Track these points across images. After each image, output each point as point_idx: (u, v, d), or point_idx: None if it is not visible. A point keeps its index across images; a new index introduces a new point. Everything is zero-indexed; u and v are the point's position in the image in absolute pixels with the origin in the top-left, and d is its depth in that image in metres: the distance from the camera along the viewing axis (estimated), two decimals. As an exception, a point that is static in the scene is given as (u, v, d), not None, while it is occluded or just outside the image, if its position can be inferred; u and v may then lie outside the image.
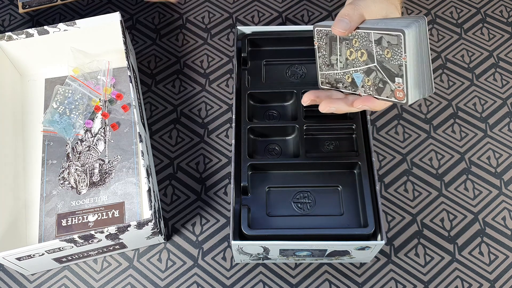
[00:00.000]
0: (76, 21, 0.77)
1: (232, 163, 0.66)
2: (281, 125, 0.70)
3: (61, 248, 0.64)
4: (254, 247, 0.63)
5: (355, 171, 0.67)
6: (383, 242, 0.60)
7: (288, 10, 0.91)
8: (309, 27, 0.75)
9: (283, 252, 0.65)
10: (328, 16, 0.90)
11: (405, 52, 0.53)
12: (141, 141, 0.68)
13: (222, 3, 0.91)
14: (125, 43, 0.75)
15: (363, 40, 0.57)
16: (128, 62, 0.74)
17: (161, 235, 0.70)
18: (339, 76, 0.61)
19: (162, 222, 0.73)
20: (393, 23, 0.55)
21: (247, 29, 0.76)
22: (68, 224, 0.71)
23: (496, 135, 0.79)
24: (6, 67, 0.79)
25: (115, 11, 0.89)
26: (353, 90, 0.60)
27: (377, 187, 0.63)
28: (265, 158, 0.70)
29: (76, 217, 0.71)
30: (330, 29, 0.60)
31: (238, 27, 0.75)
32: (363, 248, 0.63)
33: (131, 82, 0.73)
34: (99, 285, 0.70)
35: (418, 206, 0.74)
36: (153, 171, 0.76)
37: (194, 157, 0.78)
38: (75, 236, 0.62)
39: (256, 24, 0.89)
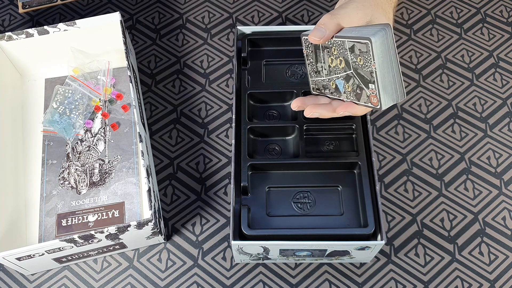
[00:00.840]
0: (76, 21, 0.77)
1: (232, 163, 0.66)
2: (281, 125, 0.70)
3: (61, 248, 0.64)
4: (254, 247, 0.63)
5: (355, 171, 0.67)
6: (383, 242, 0.60)
7: (288, 10, 0.91)
8: (309, 27, 0.75)
9: (283, 252, 0.65)
10: (328, 16, 0.90)
11: (373, 60, 0.55)
12: (141, 141, 0.68)
13: (222, 3, 0.91)
14: (125, 43, 0.75)
15: (340, 48, 0.59)
16: (128, 62, 0.74)
17: (161, 235, 0.70)
18: (325, 83, 0.63)
19: (162, 222, 0.73)
20: (363, 31, 0.56)
21: (247, 29, 0.76)
22: (68, 224, 0.71)
23: (496, 135, 0.79)
24: (6, 67, 0.79)
25: (115, 11, 0.89)
26: (337, 96, 0.62)
27: (377, 187, 0.63)
28: (265, 158, 0.70)
29: (76, 217, 0.71)
30: None
31: (238, 27, 0.75)
32: (363, 248, 0.63)
33: (131, 82, 0.73)
34: (99, 285, 0.70)
35: (418, 206, 0.74)
36: (153, 171, 0.76)
37: (194, 157, 0.78)
38: (75, 236, 0.62)
39: (256, 24, 0.89)
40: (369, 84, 0.56)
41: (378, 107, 0.56)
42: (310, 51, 0.64)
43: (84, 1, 0.92)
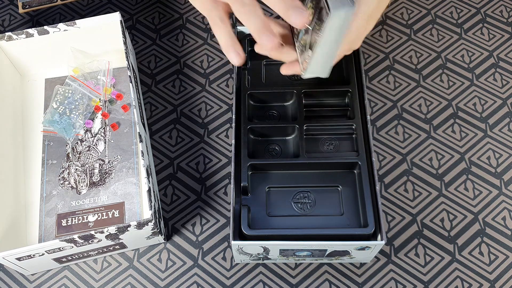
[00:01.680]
0: (76, 21, 0.77)
1: (232, 163, 0.66)
2: (281, 125, 0.70)
3: (61, 248, 0.64)
4: (254, 247, 0.63)
5: (355, 171, 0.67)
6: (383, 242, 0.60)
7: (288, 10, 0.90)
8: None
9: (283, 252, 0.65)
10: (328, 16, 0.90)
11: (322, 32, 0.51)
12: (141, 141, 0.68)
13: (222, 3, 0.91)
14: (125, 43, 0.75)
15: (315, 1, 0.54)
16: (128, 62, 0.74)
17: (161, 235, 0.70)
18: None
19: (162, 222, 0.73)
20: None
21: (247, 29, 0.76)
22: (68, 224, 0.71)
23: (496, 135, 0.79)
24: (6, 67, 0.79)
25: (115, 11, 0.89)
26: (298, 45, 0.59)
27: (377, 187, 0.63)
28: (265, 158, 0.70)
29: (76, 217, 0.71)
30: None
31: (238, 27, 0.75)
32: (363, 248, 0.63)
33: (131, 82, 0.73)
34: (99, 285, 0.70)
35: (418, 206, 0.74)
36: (153, 171, 0.76)
37: (194, 157, 0.78)
38: (75, 236, 0.62)
39: (256, 24, 0.89)
40: (309, 50, 0.54)
41: (303, 73, 0.55)
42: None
43: (84, 1, 0.92)
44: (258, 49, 0.59)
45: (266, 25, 0.52)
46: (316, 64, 0.55)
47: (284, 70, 0.62)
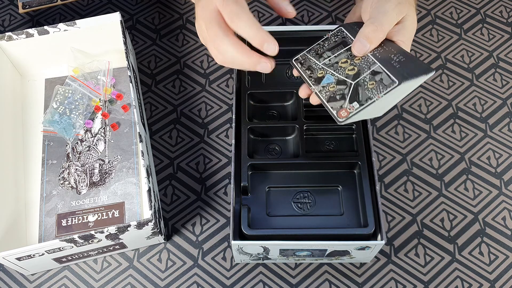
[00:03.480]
0: (76, 21, 0.77)
1: (232, 163, 0.66)
2: (281, 125, 0.70)
3: (61, 248, 0.64)
4: (254, 247, 0.63)
5: (355, 171, 0.67)
6: (383, 242, 0.60)
7: (288, 10, 0.90)
8: (309, 27, 0.75)
9: (283, 252, 0.65)
10: (328, 17, 0.90)
11: (383, 94, 0.54)
12: (141, 141, 0.68)
13: (222, 3, 0.91)
14: (125, 43, 0.75)
15: (364, 62, 0.58)
16: (128, 62, 0.74)
17: (161, 235, 0.70)
18: (316, 66, 0.61)
19: (162, 222, 0.73)
20: (400, 66, 0.56)
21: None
22: (68, 224, 0.71)
23: (496, 135, 0.79)
24: (6, 67, 0.79)
25: (115, 11, 0.89)
26: (312, 82, 0.60)
27: (377, 187, 0.63)
28: (265, 158, 0.70)
29: (76, 217, 0.71)
30: (351, 37, 0.61)
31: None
32: (363, 248, 0.63)
33: (131, 82, 0.73)
34: (99, 285, 0.70)
35: (418, 206, 0.74)
36: (153, 171, 0.76)
37: (194, 157, 0.78)
38: (75, 236, 0.62)
39: (256, 24, 0.89)
40: (354, 102, 0.56)
41: (339, 120, 0.56)
42: (333, 40, 0.62)
43: (84, 1, 0.92)
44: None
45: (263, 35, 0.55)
46: (359, 116, 0.57)
47: (304, 94, 0.62)
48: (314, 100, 0.61)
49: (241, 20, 0.55)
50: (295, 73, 0.63)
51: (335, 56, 0.60)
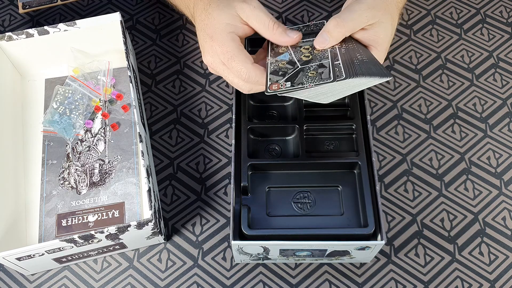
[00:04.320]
0: (76, 21, 0.77)
1: (232, 163, 0.66)
2: (281, 125, 0.70)
3: (61, 248, 0.64)
4: (254, 247, 0.63)
5: (355, 171, 0.67)
6: (383, 242, 0.60)
7: (288, 11, 0.91)
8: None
9: (283, 252, 0.65)
10: (328, 17, 0.90)
11: (314, 85, 0.57)
12: (141, 141, 0.68)
13: (222, 4, 0.91)
14: (125, 43, 0.75)
15: (320, 54, 0.61)
16: (128, 62, 0.74)
17: (161, 235, 0.70)
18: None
19: (162, 222, 0.73)
20: (359, 65, 0.58)
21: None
22: (68, 224, 0.71)
23: (496, 135, 0.79)
24: (6, 67, 0.79)
25: (115, 11, 0.89)
26: (270, 53, 0.64)
27: (377, 187, 0.63)
28: (265, 158, 0.70)
29: (76, 217, 0.71)
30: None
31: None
32: (363, 248, 0.63)
33: (131, 82, 0.73)
34: (99, 285, 0.70)
35: (418, 206, 0.74)
36: (153, 171, 0.76)
37: (194, 157, 0.78)
38: (75, 236, 0.62)
39: (256, 24, 0.89)
40: (288, 82, 0.58)
41: (267, 91, 0.58)
42: (310, 29, 0.66)
43: (84, 1, 0.92)
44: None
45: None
46: (303, 97, 0.59)
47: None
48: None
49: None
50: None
51: (303, 41, 0.63)
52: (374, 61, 0.59)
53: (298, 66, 0.60)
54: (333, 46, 0.61)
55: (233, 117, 0.69)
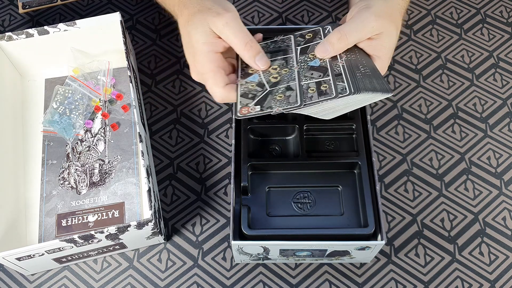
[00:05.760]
0: (76, 21, 0.77)
1: (232, 163, 0.66)
2: (281, 125, 0.70)
3: (61, 248, 0.64)
4: (254, 247, 0.63)
5: (355, 171, 0.67)
6: (383, 242, 0.60)
7: (288, 11, 0.91)
8: (309, 28, 0.74)
9: (283, 252, 0.65)
10: (328, 17, 0.90)
11: (282, 109, 0.57)
12: (141, 141, 0.68)
13: (222, 3, 0.91)
14: (125, 43, 0.75)
15: (287, 75, 0.61)
16: (128, 62, 0.74)
17: (161, 235, 0.70)
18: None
19: (162, 222, 0.73)
20: (362, 78, 0.58)
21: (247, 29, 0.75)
22: (68, 224, 0.71)
23: (496, 135, 0.79)
24: (6, 67, 0.79)
25: (115, 11, 0.89)
26: (240, 74, 0.64)
27: (377, 187, 0.63)
28: (265, 158, 0.70)
29: (76, 217, 0.71)
30: (292, 48, 0.65)
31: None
32: (363, 248, 0.63)
33: (131, 82, 0.73)
34: (99, 285, 0.70)
35: (418, 206, 0.74)
36: (153, 171, 0.76)
37: (194, 157, 0.78)
38: (75, 236, 0.62)
39: (256, 25, 0.89)
40: (258, 106, 0.58)
41: (237, 115, 0.58)
42: (278, 45, 0.65)
43: (84, 1, 0.92)
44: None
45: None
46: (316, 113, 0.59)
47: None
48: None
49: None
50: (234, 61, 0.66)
51: (272, 60, 0.63)
52: (377, 74, 0.59)
53: (266, 89, 0.60)
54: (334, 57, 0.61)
55: (233, 117, 0.69)
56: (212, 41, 0.61)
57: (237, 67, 0.64)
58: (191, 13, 0.62)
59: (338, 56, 0.61)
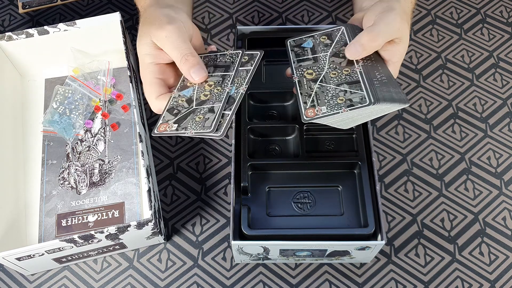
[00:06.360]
0: (76, 21, 0.77)
1: (232, 163, 0.66)
2: (281, 125, 0.70)
3: (61, 248, 0.64)
4: (254, 247, 0.63)
5: (355, 171, 0.67)
6: (383, 242, 0.60)
7: (288, 11, 0.91)
8: (309, 27, 0.75)
9: (283, 252, 0.65)
10: (328, 17, 0.90)
11: (195, 133, 0.55)
12: (141, 141, 0.68)
13: (222, 4, 0.91)
14: (125, 43, 0.75)
15: (215, 96, 0.59)
16: (128, 62, 0.74)
17: (161, 235, 0.70)
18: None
19: (162, 222, 0.72)
20: (380, 86, 0.57)
21: (247, 29, 0.76)
22: (68, 224, 0.71)
23: (496, 135, 0.79)
24: (6, 67, 0.79)
25: (115, 11, 0.89)
26: (178, 86, 0.62)
27: (377, 187, 0.63)
28: (265, 158, 0.70)
29: (76, 217, 0.71)
30: (238, 63, 0.62)
31: (238, 27, 0.75)
32: (363, 248, 0.63)
33: (131, 82, 0.73)
34: (99, 285, 0.70)
35: (418, 206, 0.74)
36: (153, 171, 0.76)
37: (194, 157, 0.78)
38: (75, 236, 0.62)
39: (256, 25, 0.89)
40: (177, 124, 0.57)
41: (154, 132, 0.58)
42: (226, 60, 0.63)
43: (84, 1, 0.92)
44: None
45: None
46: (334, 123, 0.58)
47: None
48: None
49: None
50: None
51: (211, 75, 0.61)
52: (393, 82, 0.58)
53: (192, 107, 0.59)
54: (357, 62, 0.60)
55: (233, 117, 0.69)
56: (153, 53, 0.61)
57: (180, 79, 0.63)
58: (142, 24, 0.63)
59: (355, 62, 0.60)
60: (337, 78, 0.59)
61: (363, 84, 0.57)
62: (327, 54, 0.62)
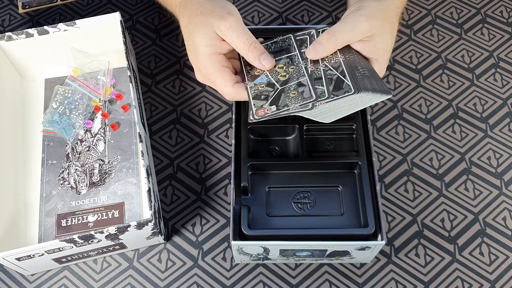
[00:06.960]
0: (76, 21, 0.77)
1: (232, 163, 0.66)
2: (281, 125, 0.70)
3: (61, 248, 0.64)
4: (254, 247, 0.63)
5: (355, 171, 0.67)
6: (384, 242, 0.60)
7: (288, 11, 0.91)
8: (309, 27, 0.74)
9: (283, 252, 0.65)
10: (328, 17, 0.90)
11: (299, 105, 0.57)
12: (141, 141, 0.68)
13: (222, 3, 0.91)
14: (125, 43, 0.75)
15: (296, 72, 0.61)
16: (128, 62, 0.74)
17: (161, 236, 0.70)
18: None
19: (162, 222, 0.72)
20: (361, 78, 0.59)
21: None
22: (68, 224, 0.71)
23: (497, 135, 0.79)
24: (6, 67, 0.79)
25: (115, 11, 0.88)
26: (247, 77, 0.64)
27: (377, 187, 0.63)
28: (265, 158, 0.70)
29: (76, 217, 0.71)
30: (295, 46, 0.65)
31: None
32: (363, 248, 0.63)
33: (131, 82, 0.73)
34: (99, 286, 0.70)
35: (419, 206, 0.74)
36: (153, 171, 0.76)
37: (194, 157, 0.78)
38: (75, 236, 0.62)
39: (256, 24, 0.89)
40: (273, 106, 0.59)
41: (255, 117, 0.59)
42: (279, 45, 0.66)
43: (84, 1, 0.92)
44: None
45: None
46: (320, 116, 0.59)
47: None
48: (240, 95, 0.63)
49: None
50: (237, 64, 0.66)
51: (276, 60, 0.63)
52: (375, 75, 0.59)
53: (278, 88, 0.60)
54: (329, 57, 0.62)
55: (233, 117, 0.69)
56: (215, 44, 0.61)
57: (242, 70, 0.64)
58: (193, 15, 0.62)
59: (340, 59, 0.61)
60: (297, 74, 0.61)
61: (309, 81, 0.59)
62: (298, 54, 0.64)
